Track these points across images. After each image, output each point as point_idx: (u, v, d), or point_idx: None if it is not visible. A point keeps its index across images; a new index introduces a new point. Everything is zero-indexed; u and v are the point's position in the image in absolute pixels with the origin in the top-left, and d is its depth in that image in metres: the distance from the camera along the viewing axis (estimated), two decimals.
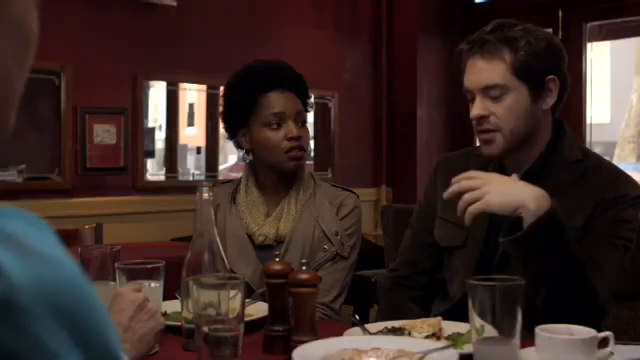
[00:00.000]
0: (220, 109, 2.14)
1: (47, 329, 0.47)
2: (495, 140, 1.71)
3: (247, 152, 2.12)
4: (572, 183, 1.71)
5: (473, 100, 1.74)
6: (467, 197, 1.57)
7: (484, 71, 1.70)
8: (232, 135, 2.13)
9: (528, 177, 1.73)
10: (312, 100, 2.19)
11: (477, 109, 1.72)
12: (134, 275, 1.45)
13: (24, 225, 0.51)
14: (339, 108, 4.47)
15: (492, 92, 1.70)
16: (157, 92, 3.90)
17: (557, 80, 1.73)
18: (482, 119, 1.71)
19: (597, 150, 4.32)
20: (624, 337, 1.43)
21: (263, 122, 2.04)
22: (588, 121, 4.25)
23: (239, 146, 2.13)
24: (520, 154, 1.75)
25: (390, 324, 1.54)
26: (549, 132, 1.78)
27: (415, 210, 2.02)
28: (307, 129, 2.11)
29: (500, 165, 1.81)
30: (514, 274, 1.37)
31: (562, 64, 1.77)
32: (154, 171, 3.92)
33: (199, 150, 4.28)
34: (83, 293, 0.51)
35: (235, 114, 2.08)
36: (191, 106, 4.58)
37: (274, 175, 2.09)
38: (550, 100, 1.74)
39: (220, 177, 4.15)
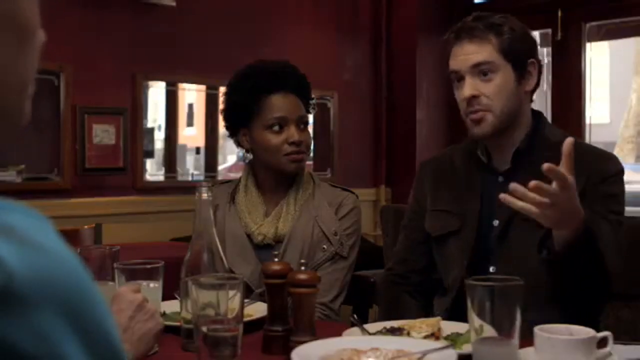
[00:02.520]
0: (221, 106, 2.14)
1: (47, 319, 0.47)
2: (485, 119, 1.77)
3: (247, 151, 2.12)
4: (560, 159, 1.76)
5: (459, 81, 1.81)
6: (524, 206, 1.49)
7: (473, 51, 1.79)
8: (233, 133, 2.13)
9: (516, 157, 1.82)
10: (314, 101, 2.19)
11: (468, 89, 1.78)
12: (133, 275, 1.45)
13: (24, 218, 0.51)
14: (338, 108, 4.47)
15: (481, 68, 1.78)
16: (156, 92, 3.90)
17: (536, 63, 1.83)
18: (473, 99, 1.78)
19: None
20: (623, 337, 1.43)
21: (264, 124, 2.03)
22: (587, 121, 4.24)
23: (238, 144, 2.13)
24: (504, 137, 1.82)
25: (389, 324, 1.54)
26: (529, 117, 1.86)
27: (406, 213, 2.06)
28: (308, 132, 2.11)
29: (485, 150, 1.86)
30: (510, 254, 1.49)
31: (537, 51, 1.88)
32: (153, 171, 3.92)
33: (198, 150, 4.27)
34: (84, 285, 0.51)
35: (236, 113, 2.08)
36: (190, 106, 4.58)
37: (273, 176, 2.08)
38: (532, 82, 1.83)
39: (219, 177, 4.15)
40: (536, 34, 5.31)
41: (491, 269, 1.79)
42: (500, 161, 1.85)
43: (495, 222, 1.82)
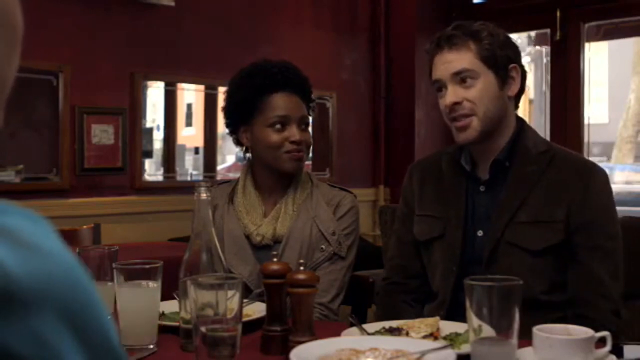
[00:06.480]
0: (223, 104, 2.14)
1: (46, 322, 0.47)
2: (471, 124, 1.78)
3: (246, 149, 2.12)
4: (542, 173, 1.78)
5: (441, 90, 1.83)
6: None
7: (453, 60, 1.80)
8: (233, 131, 2.13)
9: (495, 168, 1.81)
10: (314, 103, 2.19)
11: (450, 97, 1.79)
12: (131, 275, 1.45)
13: (22, 220, 0.51)
14: (337, 108, 4.47)
15: (462, 76, 1.78)
16: (155, 92, 3.90)
17: (519, 68, 1.82)
18: (456, 105, 1.78)
19: (595, 150, 4.33)
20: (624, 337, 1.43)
21: (266, 122, 2.03)
22: (586, 121, 4.25)
23: (238, 142, 2.13)
24: (489, 143, 1.81)
25: (387, 324, 1.54)
26: (513, 123, 1.85)
27: (397, 217, 2.05)
28: (308, 132, 2.11)
29: (470, 157, 1.86)
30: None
31: (520, 57, 1.86)
32: (152, 171, 3.92)
33: (196, 150, 4.27)
34: (82, 287, 0.51)
35: (239, 111, 2.08)
36: (189, 106, 4.58)
37: (272, 175, 2.08)
38: (515, 88, 1.82)
39: (218, 177, 4.15)
40: (534, 34, 5.33)
41: None
42: (483, 170, 1.84)
43: (480, 233, 1.81)
